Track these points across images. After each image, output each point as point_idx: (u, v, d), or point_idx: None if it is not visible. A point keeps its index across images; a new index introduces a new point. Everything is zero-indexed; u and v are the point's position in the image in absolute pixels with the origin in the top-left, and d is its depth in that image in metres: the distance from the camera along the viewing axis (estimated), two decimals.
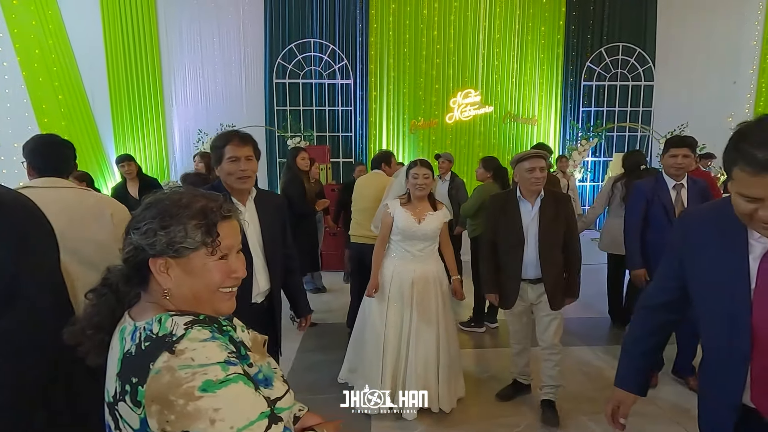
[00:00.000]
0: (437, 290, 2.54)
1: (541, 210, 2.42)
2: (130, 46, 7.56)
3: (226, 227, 0.83)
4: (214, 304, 0.83)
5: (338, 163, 7.86)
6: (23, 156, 1.73)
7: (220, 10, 7.65)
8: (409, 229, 2.46)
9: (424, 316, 2.48)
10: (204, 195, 0.84)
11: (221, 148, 1.68)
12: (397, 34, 7.82)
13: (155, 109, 7.75)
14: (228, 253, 0.83)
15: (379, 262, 2.59)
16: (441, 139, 8.11)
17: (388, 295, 2.52)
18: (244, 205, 1.75)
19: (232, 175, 1.67)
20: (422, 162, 2.50)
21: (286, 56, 7.56)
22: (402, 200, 2.54)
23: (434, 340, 2.49)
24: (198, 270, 0.80)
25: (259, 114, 7.78)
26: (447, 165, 4.80)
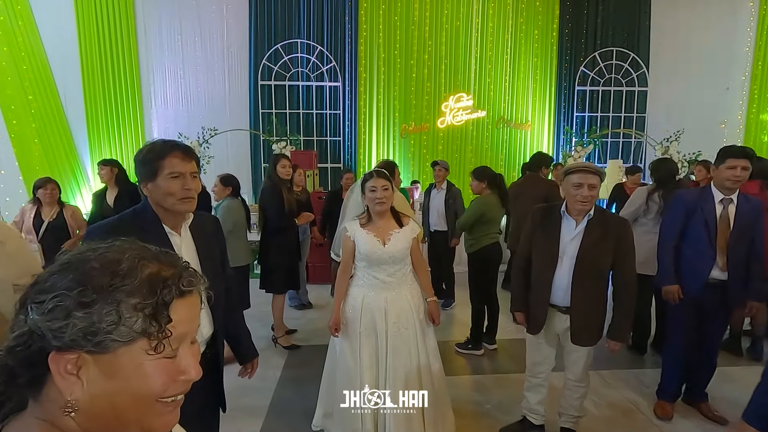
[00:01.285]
0: (414, 319, 2.20)
1: (587, 230, 2.11)
2: (105, 45, 7.18)
3: (184, 308, 0.55)
4: (145, 421, 0.55)
5: (326, 169, 7.57)
6: None
7: (202, 8, 7.31)
8: (373, 254, 2.13)
9: (402, 350, 2.16)
10: (155, 256, 0.57)
11: (157, 161, 1.32)
12: (387, 36, 7.57)
13: (133, 111, 7.36)
14: (179, 346, 0.56)
15: (341, 294, 2.23)
16: (432, 144, 7.88)
17: (360, 330, 2.17)
18: (179, 233, 1.42)
19: (173, 195, 1.33)
20: (378, 173, 2.17)
21: (272, 57, 7.26)
22: (362, 220, 2.21)
23: (415, 377, 2.17)
24: (128, 373, 0.52)
25: (244, 117, 7.45)
26: (443, 173, 4.55)
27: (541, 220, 2.26)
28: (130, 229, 1.28)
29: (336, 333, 2.21)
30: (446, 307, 4.63)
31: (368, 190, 2.14)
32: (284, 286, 3.58)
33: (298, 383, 3.06)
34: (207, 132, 6.66)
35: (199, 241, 1.46)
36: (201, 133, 6.65)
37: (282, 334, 3.63)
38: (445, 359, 3.44)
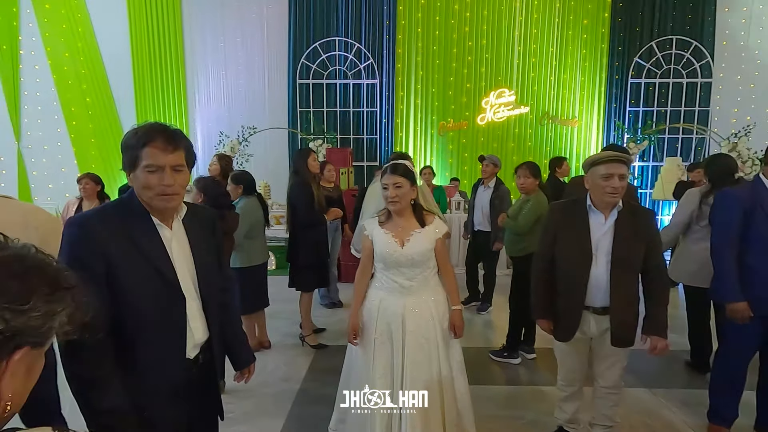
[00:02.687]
0: (436, 329, 1.98)
1: (617, 224, 1.93)
2: (155, 49, 7.50)
3: None
4: None
5: (362, 167, 7.50)
6: None
7: (244, 10, 7.47)
8: (390, 255, 1.95)
9: (420, 362, 1.94)
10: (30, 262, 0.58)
11: (136, 149, 1.16)
12: (426, 31, 7.40)
13: (179, 111, 7.66)
14: None
15: (360, 296, 2.08)
16: (472, 142, 7.61)
17: (375, 336, 1.99)
18: (170, 227, 1.28)
19: (151, 190, 1.17)
20: (394, 168, 1.95)
21: (310, 56, 7.29)
22: (381, 218, 2.04)
23: (436, 393, 1.97)
24: (34, 367, 0.58)
25: (282, 116, 7.53)
26: (491, 169, 4.27)
27: (564, 217, 2.05)
28: (115, 218, 1.20)
29: (354, 340, 2.04)
30: (482, 312, 4.40)
31: (382, 187, 1.97)
32: (312, 283, 3.51)
33: (322, 383, 2.96)
34: (246, 130, 6.80)
35: (192, 236, 1.32)
36: (241, 132, 6.79)
37: (309, 332, 3.56)
38: (478, 367, 3.26)
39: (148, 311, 1.20)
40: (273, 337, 3.67)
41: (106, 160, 7.57)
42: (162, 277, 1.22)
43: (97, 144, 7.63)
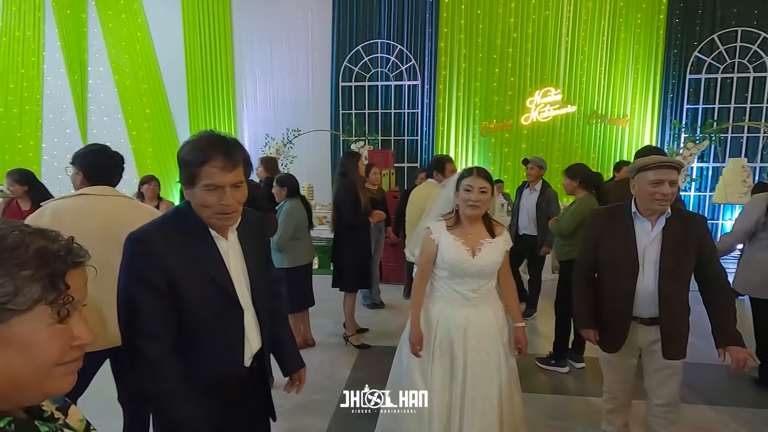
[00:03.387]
0: (497, 343, 1.91)
1: (666, 231, 1.84)
2: (207, 54, 7.87)
3: (78, 277, 0.58)
4: (45, 385, 0.57)
5: (402, 168, 7.51)
6: (74, 164, 1.82)
7: (289, 16, 7.69)
8: (459, 264, 1.84)
9: (482, 377, 1.86)
10: (40, 234, 0.57)
11: (195, 167, 1.12)
12: (469, 31, 7.31)
13: (227, 115, 7.99)
14: (71, 313, 0.58)
15: (420, 303, 1.95)
16: (515, 143, 7.44)
17: (433, 348, 1.90)
18: (226, 238, 1.24)
19: (209, 208, 1.14)
20: (480, 171, 1.87)
21: (353, 59, 7.39)
22: (448, 222, 1.92)
23: (496, 410, 1.89)
24: (22, 342, 0.54)
25: (325, 118, 7.68)
26: (537, 172, 4.14)
27: (608, 224, 1.95)
28: (175, 232, 1.19)
29: (419, 351, 1.89)
30: (527, 317, 4.29)
31: (464, 188, 1.84)
32: (356, 284, 3.56)
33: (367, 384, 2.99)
34: (291, 133, 6.98)
35: (245, 245, 1.30)
36: (286, 134, 6.99)
37: (353, 332, 3.61)
38: (523, 373, 3.17)
39: (209, 325, 1.20)
40: (316, 336, 3.75)
41: (161, 160, 8.04)
42: (222, 291, 1.21)
43: (153, 144, 8.11)
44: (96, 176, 1.79)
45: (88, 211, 1.73)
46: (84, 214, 1.72)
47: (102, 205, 1.76)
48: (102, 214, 1.73)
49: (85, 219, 1.71)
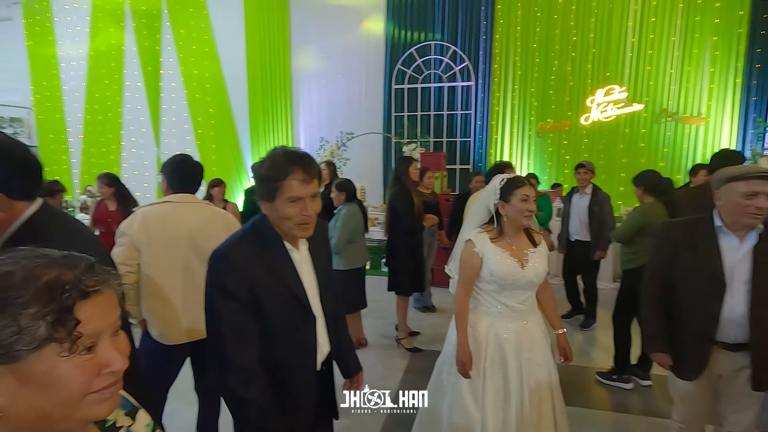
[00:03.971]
0: (546, 352, 1.88)
1: (758, 248, 1.67)
2: (266, 62, 8.26)
3: (91, 308, 0.55)
4: (78, 415, 0.56)
5: (454, 170, 7.44)
6: (162, 173, 2.03)
7: (345, 22, 7.87)
8: (510, 277, 1.78)
9: (535, 389, 1.82)
10: (55, 261, 0.56)
11: (275, 181, 1.18)
12: (526, 28, 7.10)
13: (285, 119, 8.33)
14: (96, 342, 0.56)
15: (465, 321, 1.85)
16: (574, 143, 7.12)
17: (484, 365, 1.81)
18: (298, 248, 1.32)
19: (291, 220, 1.20)
20: (531, 180, 1.89)
21: (406, 61, 7.42)
22: (490, 233, 1.84)
23: (551, 421, 1.85)
24: (42, 378, 0.53)
25: (378, 121, 7.79)
26: (589, 176, 4.06)
27: (686, 238, 1.79)
28: (253, 247, 1.25)
29: (469, 372, 1.81)
30: (586, 328, 4.12)
31: (519, 198, 1.77)
32: (409, 287, 3.60)
33: (419, 386, 3.02)
34: (345, 136, 7.15)
35: (315, 255, 1.37)
36: (340, 137, 7.17)
37: (405, 335, 3.66)
38: (583, 387, 3.08)
39: (287, 332, 1.28)
40: (368, 337, 3.84)
41: (224, 165, 8.54)
42: (297, 301, 1.28)
43: (217, 150, 8.64)
44: (179, 185, 1.97)
45: (171, 217, 1.92)
46: (167, 219, 1.91)
47: (183, 212, 1.94)
48: (183, 220, 1.92)
49: (169, 224, 1.90)
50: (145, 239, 1.86)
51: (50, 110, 9.62)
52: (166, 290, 1.90)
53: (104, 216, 3.83)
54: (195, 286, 1.93)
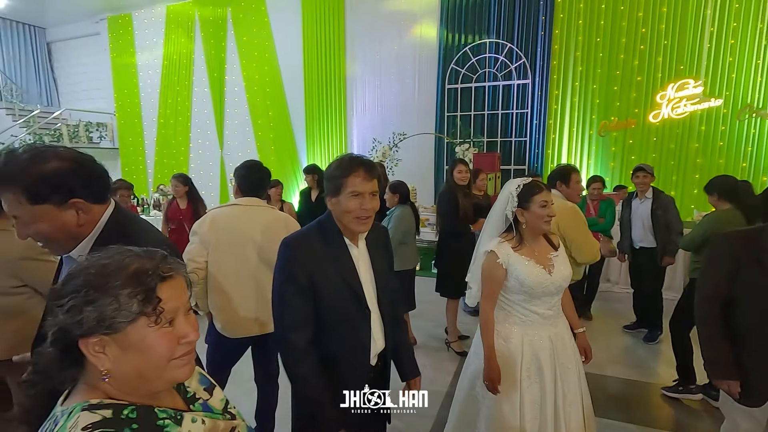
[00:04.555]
0: (576, 355, 1.88)
1: None
2: (322, 65, 8.50)
3: (168, 288, 0.71)
4: (165, 376, 0.72)
5: (509, 171, 7.24)
6: (234, 177, 2.20)
7: (399, 22, 7.91)
8: (539, 285, 1.74)
9: (569, 395, 1.80)
10: (137, 255, 0.72)
11: (340, 179, 1.36)
12: (588, 22, 6.74)
13: (338, 120, 8.53)
14: (174, 317, 0.72)
15: (492, 335, 1.80)
16: (640, 142, 6.67)
17: (520, 377, 1.77)
18: (357, 245, 1.46)
19: (351, 213, 1.36)
20: (547, 185, 1.84)
21: (460, 60, 7.33)
22: (511, 242, 1.80)
23: (582, 424, 1.82)
24: (138, 345, 0.69)
25: (430, 121, 7.76)
26: (649, 179, 3.84)
27: (750, 252, 1.63)
28: (317, 240, 1.41)
29: (498, 388, 1.77)
30: (650, 341, 3.87)
31: (538, 205, 1.74)
32: (458, 291, 3.58)
33: None
34: (397, 137, 7.20)
35: (373, 253, 1.50)
36: (392, 138, 7.24)
37: (455, 339, 3.64)
38: (644, 404, 2.91)
39: (342, 321, 1.39)
40: (418, 338, 3.87)
41: (282, 166, 8.92)
42: (352, 292, 1.40)
43: (275, 150, 9.04)
44: (247, 189, 2.12)
45: (237, 219, 2.07)
46: (235, 221, 2.06)
47: (249, 214, 2.08)
48: (248, 223, 2.06)
49: (235, 225, 2.05)
50: (213, 239, 2.01)
51: (129, 115, 10.57)
52: (230, 287, 2.04)
53: (176, 213, 4.16)
54: (257, 285, 2.07)
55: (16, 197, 0.99)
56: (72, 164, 1.04)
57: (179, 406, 0.79)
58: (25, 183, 0.98)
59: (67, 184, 1.03)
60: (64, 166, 1.02)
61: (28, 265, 1.79)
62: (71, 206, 1.04)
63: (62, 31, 11.87)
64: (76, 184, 1.04)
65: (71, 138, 10.07)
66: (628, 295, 4.72)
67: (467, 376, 1.99)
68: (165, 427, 0.71)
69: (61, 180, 1.01)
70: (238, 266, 2.03)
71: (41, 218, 1.02)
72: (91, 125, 10.73)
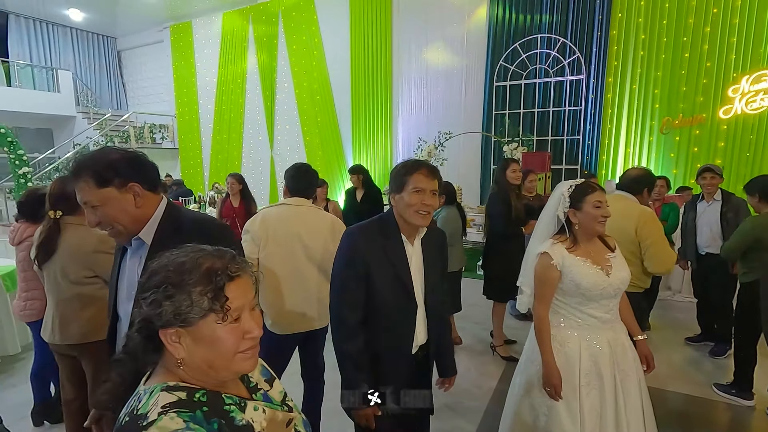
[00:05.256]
0: (637, 362, 1.81)
1: None
2: (369, 65, 8.58)
3: (235, 288, 0.76)
4: (232, 367, 0.77)
5: (559, 171, 6.95)
6: (284, 178, 2.29)
7: (446, 20, 7.83)
8: (597, 287, 1.68)
9: (629, 402, 1.74)
10: (210, 254, 0.77)
11: (405, 176, 1.50)
12: (650, 11, 6.30)
13: (384, 121, 8.57)
14: (241, 314, 0.76)
15: (549, 338, 1.74)
16: (708, 141, 6.16)
17: (579, 383, 1.71)
18: (412, 244, 1.57)
19: (412, 207, 1.48)
20: (597, 183, 1.79)
21: (509, 57, 7.13)
22: (565, 243, 1.74)
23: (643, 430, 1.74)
24: (208, 338, 0.74)
25: (477, 120, 7.61)
26: (717, 181, 3.54)
27: None
28: (376, 233, 1.54)
29: (560, 394, 1.70)
30: (718, 356, 3.56)
31: (591, 205, 1.70)
32: (505, 295, 3.48)
33: None
34: (443, 136, 7.13)
35: (426, 254, 1.59)
36: (437, 137, 7.17)
37: (500, 343, 3.55)
38: (712, 424, 2.71)
39: (389, 309, 1.51)
40: (463, 339, 3.82)
41: (328, 164, 9.10)
42: (403, 285, 1.51)
43: (322, 149, 9.24)
44: (295, 189, 2.19)
45: (286, 219, 2.14)
46: (284, 219, 2.14)
47: (297, 214, 2.15)
48: (296, 222, 2.13)
49: (284, 224, 2.13)
50: (264, 236, 2.09)
51: (188, 117, 11.23)
52: (280, 283, 2.11)
53: (229, 211, 4.37)
54: (304, 282, 2.13)
55: (86, 183, 1.18)
56: (129, 155, 1.25)
57: (243, 395, 0.84)
58: (94, 168, 1.18)
59: (126, 170, 1.21)
60: (123, 157, 1.23)
61: (100, 257, 1.95)
62: (129, 190, 1.22)
63: (130, 40, 12.81)
64: (133, 170, 1.23)
65: (137, 139, 10.85)
66: (690, 305, 4.40)
67: (519, 383, 1.93)
68: (231, 412, 0.76)
69: (121, 166, 1.21)
70: (287, 263, 2.10)
71: (106, 201, 1.19)
72: (154, 127, 11.50)
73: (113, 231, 1.24)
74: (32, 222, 2.55)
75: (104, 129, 11.02)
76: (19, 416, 2.71)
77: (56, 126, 12.02)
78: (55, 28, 12.02)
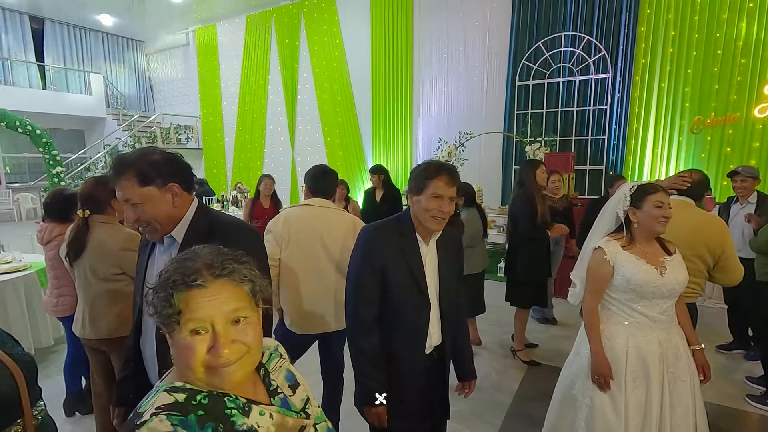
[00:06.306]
0: (693, 369, 1.77)
1: None
2: (389, 65, 8.59)
3: (198, 297, 0.71)
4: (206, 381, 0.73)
5: (583, 171, 6.80)
6: (304, 180, 2.30)
7: (467, 19, 7.75)
8: (650, 284, 1.68)
9: (678, 408, 1.71)
10: (188, 258, 0.75)
11: (426, 180, 1.49)
12: (680, 6, 6.09)
13: (404, 121, 8.56)
14: (213, 326, 0.71)
15: (599, 331, 1.78)
16: (742, 140, 5.91)
17: (625, 379, 1.72)
18: (427, 244, 1.57)
19: (429, 212, 1.48)
20: (660, 185, 1.77)
21: (532, 56, 7.01)
22: (621, 240, 1.76)
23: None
24: (175, 345, 0.73)
25: (499, 120, 7.52)
26: (748, 183, 3.42)
27: None
28: (393, 231, 1.55)
29: (610, 383, 1.74)
30: (755, 360, 3.42)
31: (653, 204, 1.70)
32: (529, 301, 3.41)
33: (533, 405, 2.87)
34: (463, 136, 7.07)
35: (441, 256, 1.59)
36: (458, 137, 7.12)
37: (521, 347, 3.49)
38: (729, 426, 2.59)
39: (402, 307, 1.52)
40: (484, 342, 3.77)
41: (348, 164, 9.15)
42: (416, 284, 1.52)
43: (342, 148, 9.29)
44: (316, 190, 2.21)
45: (307, 219, 2.16)
46: (305, 219, 2.16)
47: (318, 215, 2.17)
48: (317, 222, 2.15)
49: (305, 224, 2.15)
50: (286, 237, 2.12)
51: (212, 118, 11.47)
52: (300, 283, 2.13)
53: (259, 212, 4.46)
54: (323, 282, 2.14)
55: (129, 181, 1.22)
56: (170, 156, 1.30)
57: (260, 397, 0.82)
58: (137, 166, 1.23)
59: (167, 170, 1.26)
60: (164, 157, 1.28)
61: (127, 255, 2.01)
62: (169, 189, 1.26)
63: (158, 43, 13.19)
64: (173, 171, 1.28)
65: (163, 139, 11.16)
66: (721, 311, 4.24)
67: (567, 375, 1.96)
68: (231, 416, 0.74)
69: (163, 166, 1.26)
70: (308, 263, 2.12)
71: (147, 199, 1.24)
72: (180, 128, 11.80)
73: (149, 228, 1.27)
74: (58, 222, 2.63)
75: (132, 130, 11.37)
76: (52, 406, 2.82)
77: (88, 127, 12.48)
78: (87, 32, 12.49)
